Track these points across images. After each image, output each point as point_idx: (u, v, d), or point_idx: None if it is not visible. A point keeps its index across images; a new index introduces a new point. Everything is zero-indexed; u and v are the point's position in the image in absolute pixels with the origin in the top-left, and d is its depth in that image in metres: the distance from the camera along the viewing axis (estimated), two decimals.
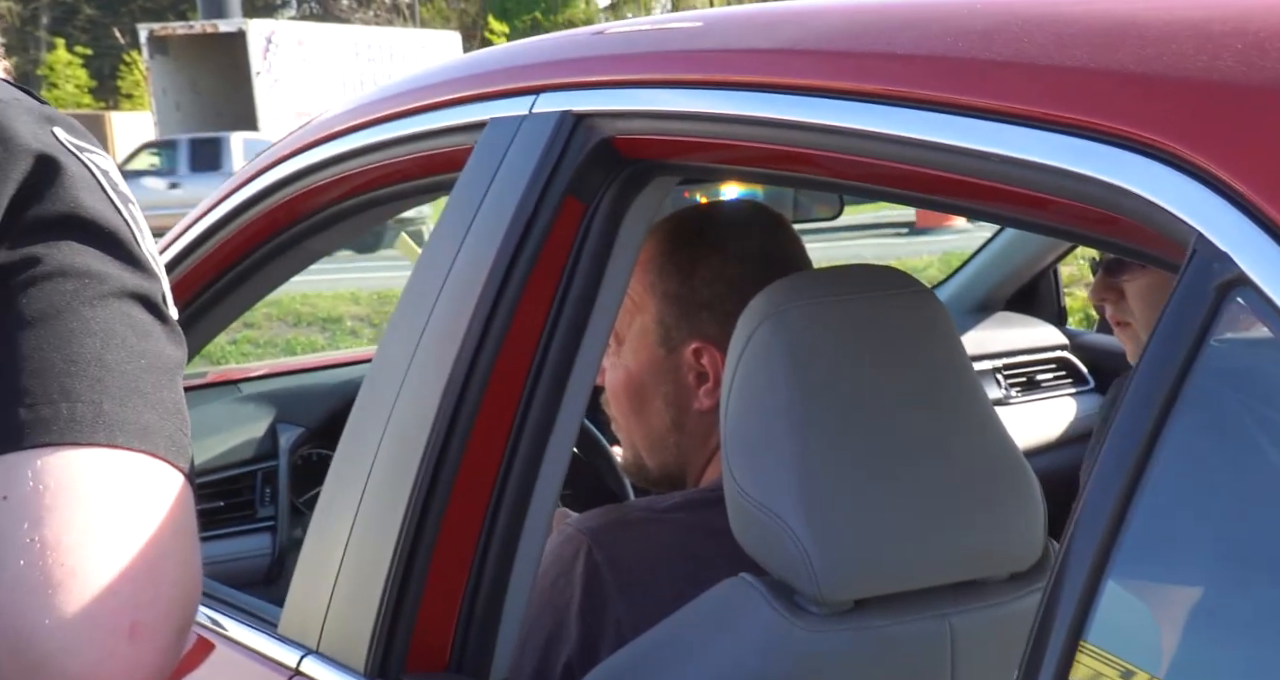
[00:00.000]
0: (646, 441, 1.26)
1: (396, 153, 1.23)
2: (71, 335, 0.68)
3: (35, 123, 0.73)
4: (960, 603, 0.98)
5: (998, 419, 1.03)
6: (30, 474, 0.66)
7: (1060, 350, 2.52)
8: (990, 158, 0.75)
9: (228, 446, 2.00)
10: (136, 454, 0.68)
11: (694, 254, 1.21)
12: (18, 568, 0.65)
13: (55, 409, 0.67)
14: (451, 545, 1.02)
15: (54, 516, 0.66)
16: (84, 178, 0.73)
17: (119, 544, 0.67)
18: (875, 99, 0.83)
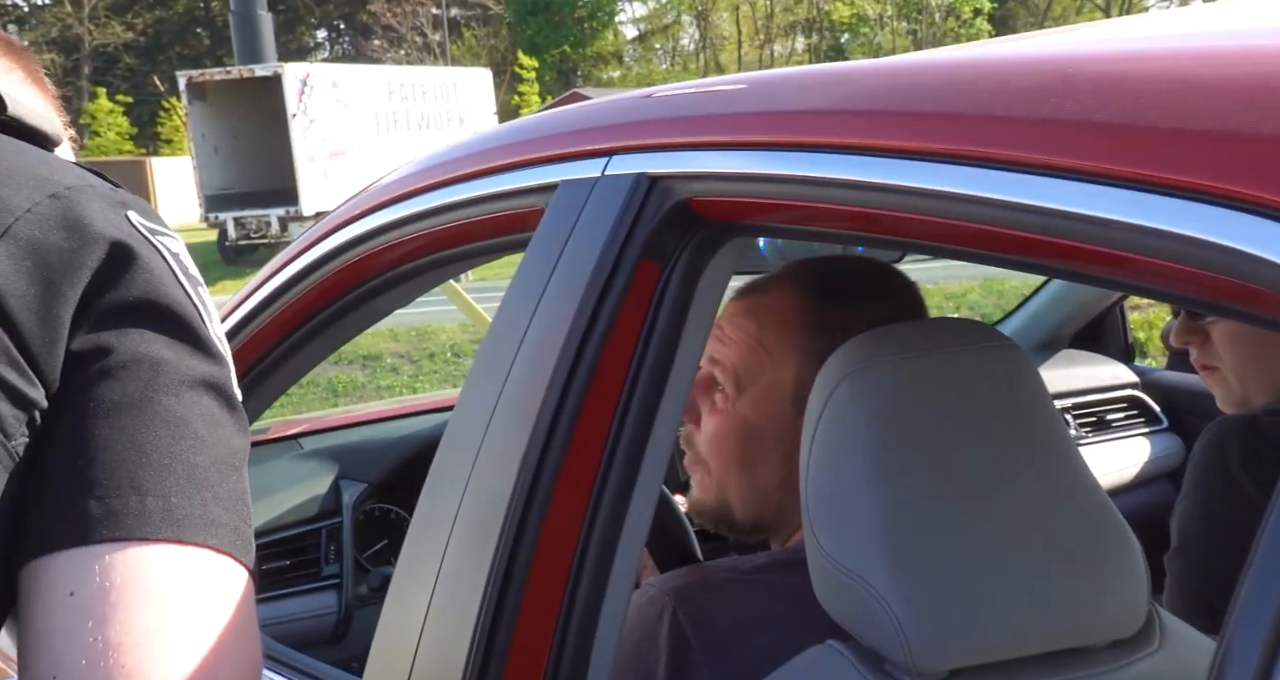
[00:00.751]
0: (746, 493, 1.23)
1: (465, 214, 1.23)
2: (143, 427, 0.69)
3: (109, 208, 0.74)
4: (1061, 671, 0.95)
5: (1093, 476, 1.00)
6: (98, 570, 0.66)
7: (1131, 388, 2.47)
8: (1070, 217, 0.73)
9: (292, 504, 2.00)
10: (202, 550, 0.69)
11: (846, 315, 1.18)
12: (79, 666, 0.65)
13: (125, 502, 0.67)
14: (534, 616, 1.00)
15: (118, 615, 0.66)
16: (156, 264, 0.73)
17: (180, 647, 0.67)
18: (953, 159, 0.81)
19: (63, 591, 0.66)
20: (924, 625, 0.92)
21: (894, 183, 0.84)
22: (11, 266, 0.69)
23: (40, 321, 0.69)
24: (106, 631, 0.65)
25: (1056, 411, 1.03)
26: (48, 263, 0.70)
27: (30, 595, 0.68)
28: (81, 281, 0.70)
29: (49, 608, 0.67)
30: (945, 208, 0.82)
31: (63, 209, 0.72)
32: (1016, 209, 0.76)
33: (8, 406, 0.68)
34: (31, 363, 0.68)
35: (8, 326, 0.68)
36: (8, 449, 0.68)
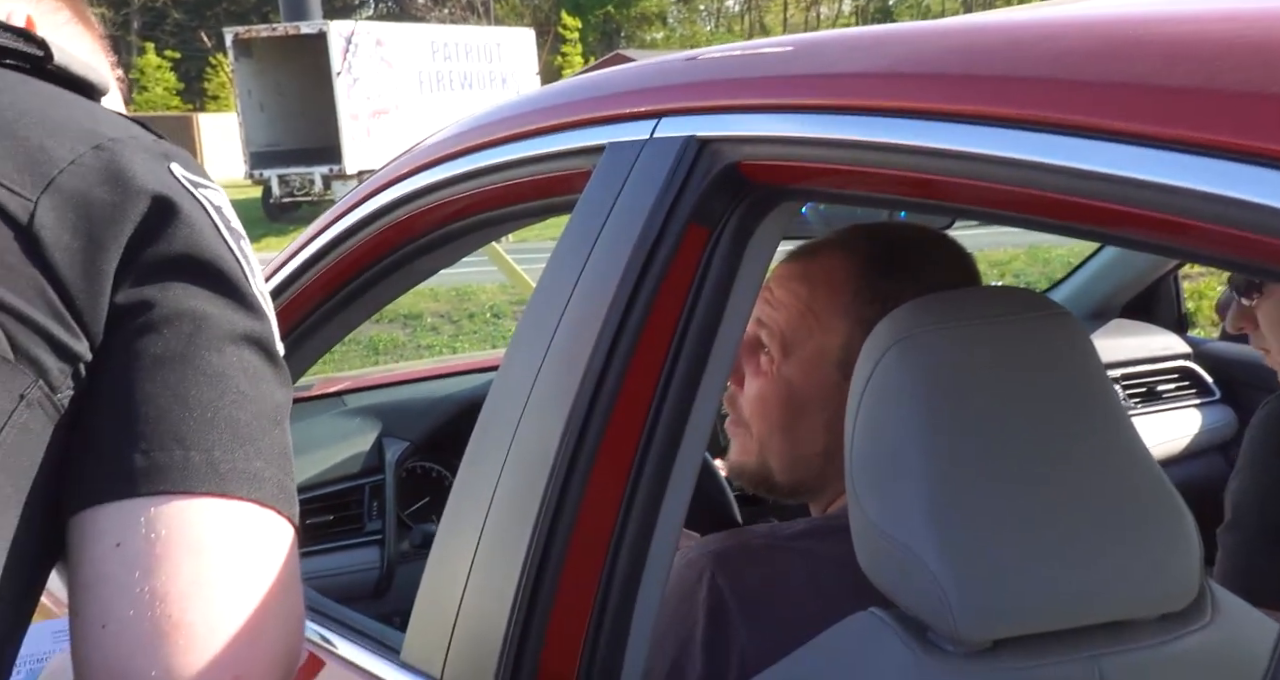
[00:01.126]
0: (788, 458, 1.23)
1: (510, 175, 1.22)
2: (187, 381, 0.69)
3: (152, 160, 0.74)
4: (1109, 644, 0.94)
5: (1146, 448, 0.99)
6: (144, 522, 0.67)
7: (1182, 359, 2.44)
8: (1128, 183, 0.72)
9: (336, 461, 2.01)
10: (245, 503, 0.69)
11: (898, 283, 1.17)
12: (126, 616, 0.66)
13: (169, 456, 0.68)
14: (576, 578, 1.00)
15: (163, 567, 0.67)
16: (198, 217, 0.73)
17: (226, 598, 0.68)
18: (1006, 123, 0.80)
19: (109, 542, 0.67)
20: (969, 594, 0.91)
21: (947, 147, 0.83)
22: (55, 219, 0.69)
23: (84, 275, 0.69)
24: (153, 582, 0.66)
25: (1109, 381, 1.02)
26: (91, 216, 0.70)
27: (78, 545, 0.69)
28: (125, 234, 0.70)
29: (96, 558, 0.68)
30: (1000, 173, 0.80)
31: (106, 161, 0.72)
32: (1074, 175, 0.75)
33: (54, 360, 0.68)
34: (76, 316, 0.69)
35: (53, 280, 0.68)
36: (54, 401, 0.69)
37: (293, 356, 1.61)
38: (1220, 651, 0.96)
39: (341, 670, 1.21)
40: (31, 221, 0.69)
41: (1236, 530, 1.51)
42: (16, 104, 0.73)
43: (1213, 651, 0.96)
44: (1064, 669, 0.93)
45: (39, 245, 0.68)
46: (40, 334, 0.68)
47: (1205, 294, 7.11)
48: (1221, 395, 2.41)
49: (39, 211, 0.69)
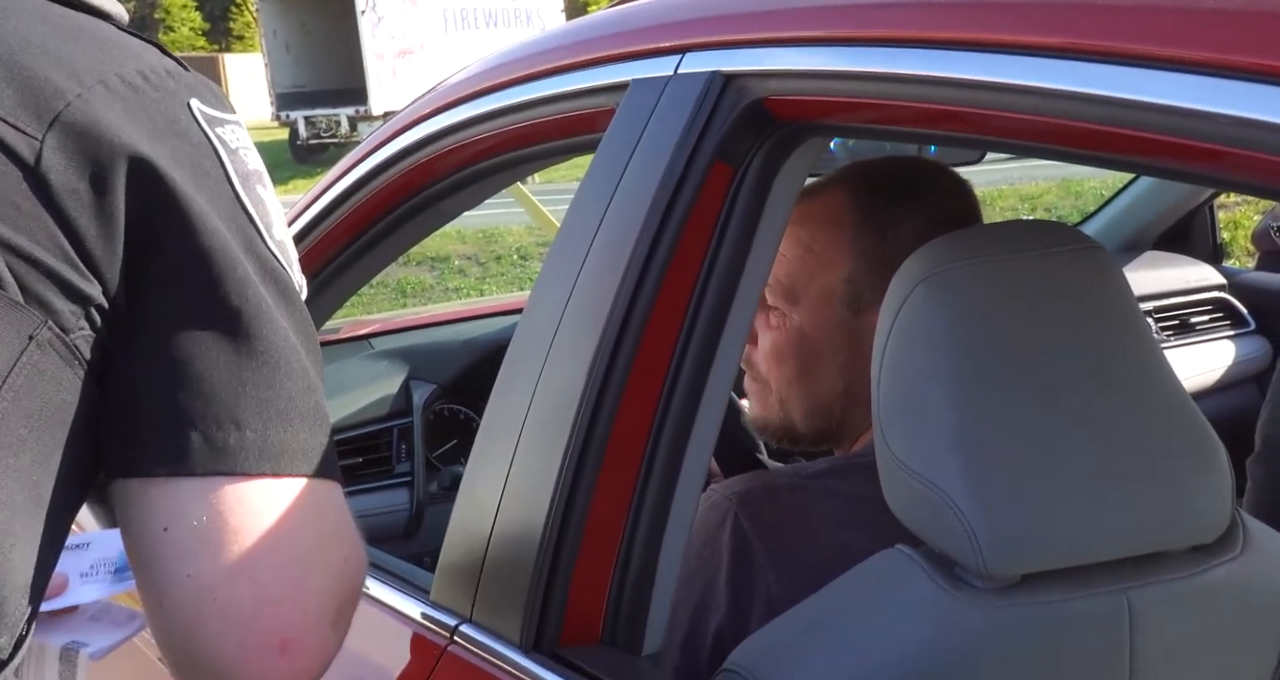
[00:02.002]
0: (807, 406, 1.22)
1: (534, 114, 1.21)
2: (240, 356, 0.69)
3: (165, 99, 0.71)
4: (1139, 577, 0.93)
5: (1179, 382, 0.98)
6: (195, 505, 0.68)
7: (1216, 291, 2.41)
8: (1164, 111, 0.70)
9: (364, 403, 2.03)
10: (297, 479, 0.70)
11: (897, 212, 1.16)
12: (176, 599, 0.69)
13: (226, 436, 0.68)
14: (603, 516, 1.01)
15: (209, 551, 0.68)
16: (206, 165, 0.70)
17: (270, 572, 0.69)
18: (1035, 52, 0.78)
19: (158, 525, 0.68)
20: (996, 530, 0.91)
21: (976, 78, 0.82)
22: (63, 160, 0.67)
23: (95, 218, 0.67)
24: (198, 568, 0.68)
25: (1142, 315, 1.01)
26: (98, 155, 0.67)
27: (126, 514, 0.70)
28: (123, 179, 0.68)
29: (146, 539, 0.69)
30: (1030, 103, 0.79)
31: (114, 99, 0.69)
32: (1105, 103, 0.74)
33: (64, 302, 0.67)
34: (87, 259, 0.67)
35: (63, 223, 0.67)
36: (67, 343, 0.67)
37: (319, 299, 1.61)
38: (1251, 582, 0.96)
39: (373, 609, 1.22)
40: (39, 161, 0.66)
41: (1266, 462, 1.50)
42: (22, 30, 0.69)
43: (1243, 582, 0.95)
44: (1093, 602, 0.93)
45: (47, 187, 0.66)
46: (51, 277, 0.66)
47: (1241, 224, 7.02)
48: (1256, 326, 2.39)
49: (45, 151, 0.67)
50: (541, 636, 1.00)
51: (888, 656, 0.95)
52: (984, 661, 0.93)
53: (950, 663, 0.93)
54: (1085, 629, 0.94)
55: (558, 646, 1.00)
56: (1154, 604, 0.94)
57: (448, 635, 1.08)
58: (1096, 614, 0.93)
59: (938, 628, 0.94)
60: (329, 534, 0.72)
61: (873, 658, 0.96)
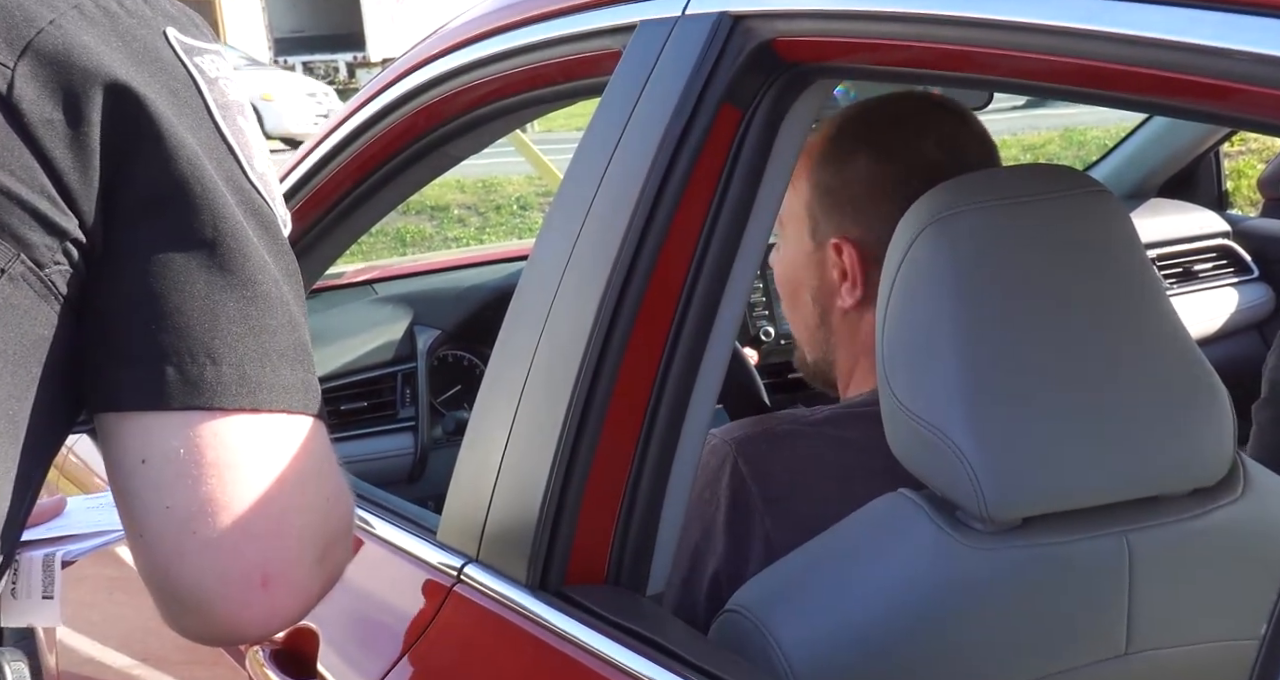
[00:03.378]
0: (803, 334, 1.25)
1: (539, 57, 1.20)
2: (214, 290, 0.67)
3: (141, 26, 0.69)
4: (1139, 519, 0.94)
5: (1183, 326, 0.98)
6: (172, 439, 0.67)
7: (1220, 238, 2.40)
8: (1173, 47, 0.70)
9: (368, 348, 2.03)
10: (276, 415, 0.69)
11: (853, 146, 1.17)
12: (155, 530, 0.68)
13: (202, 371, 0.67)
14: (608, 457, 1.01)
15: (185, 484, 0.67)
16: (182, 106, 0.68)
17: (250, 506, 0.68)
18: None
19: (135, 458, 0.68)
20: (998, 474, 0.91)
21: (990, 17, 0.81)
22: (36, 90, 0.65)
23: (70, 149, 0.66)
24: (175, 500, 0.67)
25: (1148, 260, 1.01)
26: (72, 85, 0.65)
27: (105, 447, 0.70)
28: (99, 109, 0.66)
29: (124, 471, 0.69)
30: (1040, 42, 0.78)
31: (88, 25, 0.67)
32: (1116, 41, 0.73)
33: (39, 235, 0.65)
34: (64, 192, 0.66)
35: (37, 154, 0.65)
36: (42, 278, 0.66)
37: (321, 245, 1.61)
38: (1251, 524, 0.97)
39: (379, 549, 1.23)
40: (10, 91, 0.65)
41: (1272, 406, 1.51)
42: None
43: (1244, 525, 0.96)
44: (1093, 544, 0.94)
45: (20, 117, 0.64)
46: (24, 208, 0.65)
47: (1244, 173, 6.97)
48: (1260, 273, 2.38)
49: (17, 80, 0.65)
50: (547, 576, 1.01)
51: (889, 598, 0.97)
52: (985, 603, 0.94)
53: (952, 604, 0.95)
54: (1086, 571, 0.95)
55: (563, 585, 1.01)
56: (1154, 546, 0.95)
57: (454, 575, 1.09)
58: (1097, 556, 0.94)
59: (939, 570, 0.95)
60: (310, 471, 0.71)
61: (874, 599, 0.97)
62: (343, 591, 1.28)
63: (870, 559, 0.99)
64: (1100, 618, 0.96)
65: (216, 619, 0.70)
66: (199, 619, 0.70)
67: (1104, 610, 0.95)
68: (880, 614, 0.97)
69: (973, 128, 1.19)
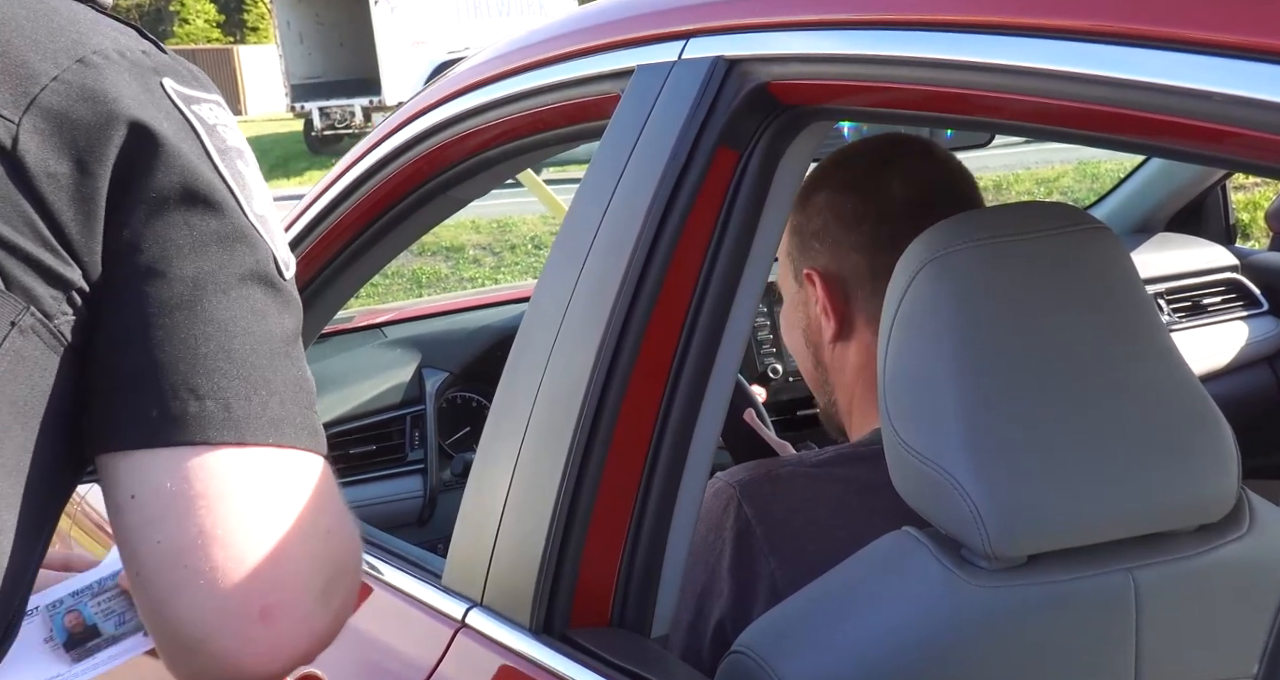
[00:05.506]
0: (810, 380, 1.28)
1: (541, 102, 1.22)
2: (196, 329, 0.68)
3: (138, 77, 0.70)
4: (1145, 556, 0.94)
5: (1185, 362, 0.98)
6: (156, 475, 0.67)
7: (1229, 272, 2.40)
8: (1168, 91, 0.70)
9: (377, 391, 2.04)
10: (265, 448, 0.69)
11: (820, 184, 1.21)
12: (150, 566, 0.68)
13: (185, 406, 0.67)
14: (611, 500, 1.01)
15: (175, 519, 0.67)
16: (184, 143, 0.70)
17: (242, 540, 0.68)
18: (1040, 33, 0.78)
19: (125, 494, 0.68)
20: (1002, 511, 0.91)
21: (982, 60, 0.81)
22: (39, 143, 0.66)
23: (73, 202, 0.67)
24: (166, 534, 0.67)
25: (1148, 296, 1.01)
26: (75, 140, 0.67)
27: (103, 487, 0.70)
28: (110, 159, 0.68)
29: (117, 508, 0.69)
30: (1037, 85, 0.79)
31: (89, 78, 0.68)
32: (1112, 84, 0.74)
33: (44, 287, 0.67)
34: (66, 245, 0.67)
35: (40, 208, 0.66)
36: (50, 329, 0.67)
37: (331, 289, 1.62)
38: (1257, 561, 0.96)
39: (387, 595, 1.23)
40: (15, 145, 0.66)
41: None
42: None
43: (1250, 561, 0.96)
44: (1099, 581, 0.93)
45: (24, 171, 0.66)
46: (29, 263, 0.66)
47: (1260, 205, 6.97)
48: (1269, 306, 2.38)
49: (22, 134, 0.66)
50: (551, 620, 1.01)
51: (894, 637, 0.96)
52: (991, 641, 0.94)
53: (957, 643, 0.94)
54: (1092, 609, 0.94)
55: (568, 629, 1.00)
56: (1160, 583, 0.94)
57: (459, 620, 1.09)
58: (1103, 593, 0.94)
59: (945, 608, 0.94)
60: (306, 504, 0.70)
61: (879, 638, 0.96)
62: (349, 637, 1.29)
63: (875, 598, 0.98)
64: (1108, 655, 0.95)
65: (218, 657, 0.69)
66: (201, 660, 0.69)
67: (1111, 647, 0.95)
68: (885, 653, 0.96)
69: (945, 166, 1.21)
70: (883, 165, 1.20)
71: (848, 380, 1.21)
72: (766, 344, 2.17)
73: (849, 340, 1.20)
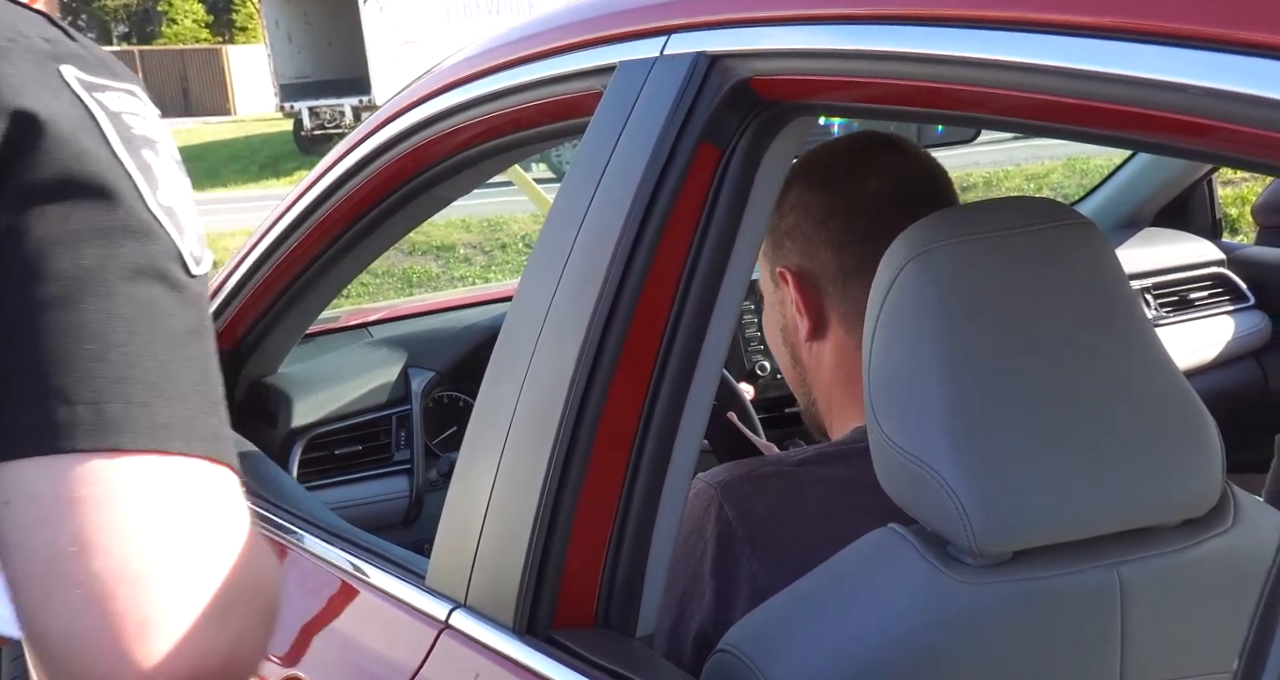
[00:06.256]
0: (790, 381, 1.27)
1: (523, 99, 1.21)
2: (74, 329, 0.64)
3: (35, 65, 0.67)
4: (1130, 551, 0.94)
5: (1169, 357, 0.98)
6: (33, 481, 0.64)
7: (1215, 266, 2.40)
8: (1150, 85, 0.70)
9: (363, 391, 2.03)
10: (146, 456, 0.65)
11: (791, 182, 1.20)
12: (24, 576, 0.65)
13: (55, 412, 0.64)
14: (594, 500, 1.01)
15: (46, 525, 0.64)
16: (80, 133, 0.66)
17: (113, 547, 0.64)
18: (1020, 27, 0.78)
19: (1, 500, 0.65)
20: (987, 507, 0.91)
21: (963, 55, 0.81)
22: None
23: None
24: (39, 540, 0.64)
25: (1132, 291, 1.00)
26: None
27: None
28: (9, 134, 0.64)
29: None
30: (1018, 80, 0.78)
31: None
32: (1095, 79, 0.73)
33: None
34: None
35: None
36: None
37: (316, 287, 1.62)
38: (1242, 555, 0.96)
39: (373, 597, 1.23)
40: None
41: None
42: None
43: (1234, 555, 0.95)
44: (1084, 576, 0.93)
45: None
46: None
47: (1249, 199, 6.98)
48: (1255, 301, 2.38)
49: None
50: (534, 620, 1.00)
51: (881, 634, 0.96)
52: (977, 638, 0.93)
53: (943, 639, 0.94)
54: (1077, 604, 0.94)
55: (551, 629, 1.00)
56: (1145, 578, 0.94)
57: (443, 620, 1.09)
58: (1088, 589, 0.94)
59: (930, 605, 0.94)
60: (199, 515, 0.66)
61: (866, 635, 0.96)
62: (334, 638, 1.28)
63: (860, 595, 0.98)
64: (1093, 650, 0.95)
65: (92, 671, 0.64)
66: (76, 673, 0.65)
67: (1097, 642, 0.94)
68: (872, 650, 0.96)
69: (916, 162, 1.20)
70: (853, 162, 1.20)
71: (825, 378, 1.20)
72: (755, 341, 2.17)
73: (824, 339, 1.19)
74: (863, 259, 1.13)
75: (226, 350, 1.72)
